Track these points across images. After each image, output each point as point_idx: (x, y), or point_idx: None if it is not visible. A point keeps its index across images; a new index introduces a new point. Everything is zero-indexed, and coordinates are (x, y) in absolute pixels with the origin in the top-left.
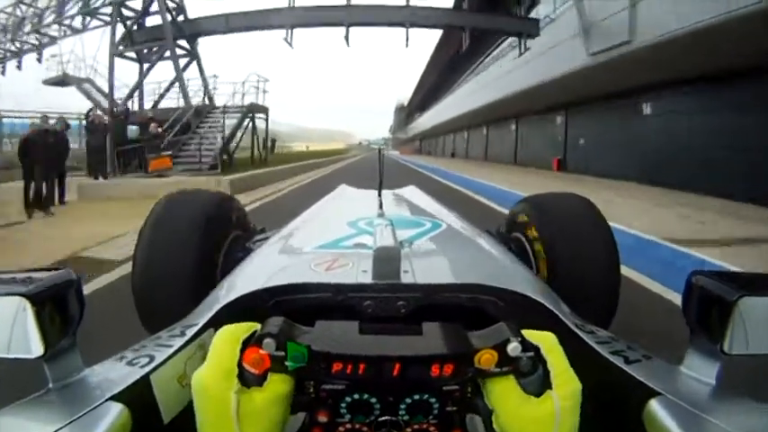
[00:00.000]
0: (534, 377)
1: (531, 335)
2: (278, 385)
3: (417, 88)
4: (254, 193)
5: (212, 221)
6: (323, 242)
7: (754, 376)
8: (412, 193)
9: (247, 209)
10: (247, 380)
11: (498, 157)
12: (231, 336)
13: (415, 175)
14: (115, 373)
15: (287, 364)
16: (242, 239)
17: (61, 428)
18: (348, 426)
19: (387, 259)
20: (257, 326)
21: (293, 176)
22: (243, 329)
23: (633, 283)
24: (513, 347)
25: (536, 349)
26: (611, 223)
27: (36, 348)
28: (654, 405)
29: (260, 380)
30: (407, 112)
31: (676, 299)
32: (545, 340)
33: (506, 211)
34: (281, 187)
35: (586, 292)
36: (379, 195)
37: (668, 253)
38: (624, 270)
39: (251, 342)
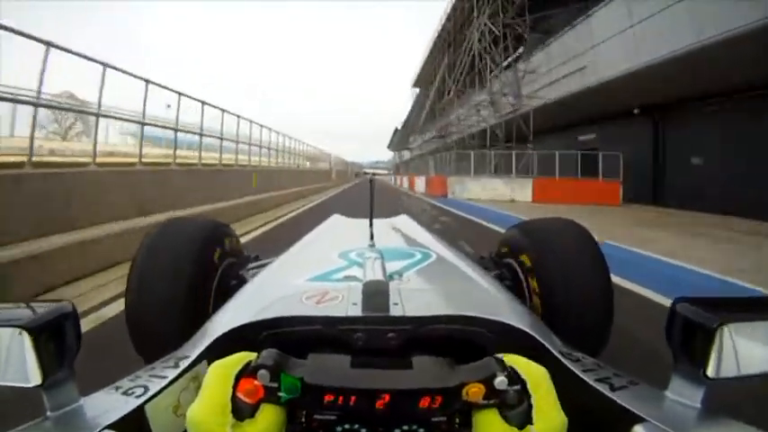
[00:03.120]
0: (518, 410)
1: (519, 364)
2: (270, 416)
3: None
4: None
5: (205, 249)
6: (314, 274)
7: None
8: (403, 222)
9: None
10: (240, 410)
11: None
12: (223, 370)
13: None
14: (111, 402)
15: (280, 395)
16: (235, 267)
17: None
18: None
19: (376, 293)
20: (251, 356)
21: None
22: (235, 363)
23: None
24: (500, 381)
25: (522, 382)
26: None
27: (34, 377)
28: (639, 431)
29: (253, 410)
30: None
31: None
32: (533, 373)
33: None
34: None
35: (579, 317)
36: (371, 225)
37: None
38: None
39: (246, 372)
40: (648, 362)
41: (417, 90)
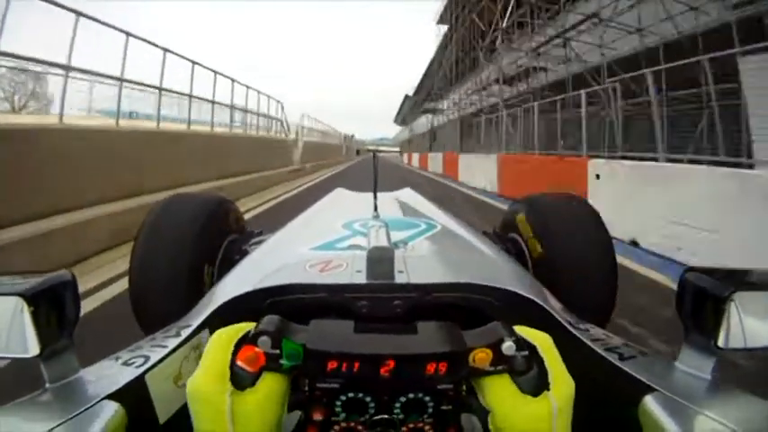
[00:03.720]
0: (529, 376)
1: (526, 333)
2: (272, 384)
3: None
4: None
5: (209, 224)
6: (318, 243)
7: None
8: (408, 195)
9: None
10: (241, 379)
11: None
12: (224, 340)
13: None
14: (111, 372)
15: (282, 362)
16: (238, 242)
17: (57, 427)
18: (343, 424)
19: (380, 260)
20: (251, 326)
21: None
22: (236, 331)
23: None
24: (508, 346)
25: (531, 348)
26: None
27: (32, 348)
28: (649, 401)
29: (254, 378)
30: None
31: None
32: (541, 340)
33: None
34: None
35: (583, 291)
36: (375, 198)
37: None
38: None
39: (246, 340)
40: None
41: (442, 31)
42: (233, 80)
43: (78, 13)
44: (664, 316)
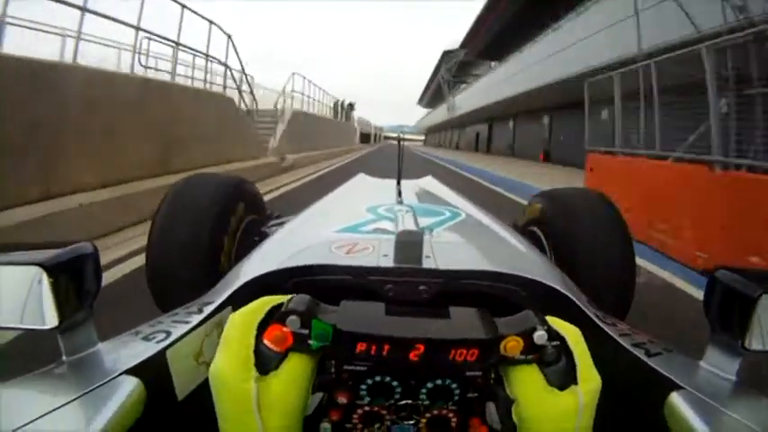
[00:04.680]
0: (557, 368)
1: (557, 324)
2: (298, 365)
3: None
4: None
5: (228, 205)
6: (342, 226)
7: None
8: (430, 183)
9: None
10: (267, 359)
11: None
12: (245, 320)
13: None
14: (130, 347)
15: (310, 342)
16: (257, 223)
17: (74, 400)
18: (367, 408)
19: (409, 244)
20: (274, 301)
21: None
22: (256, 310)
23: None
24: (540, 336)
25: (561, 339)
26: None
27: (50, 319)
28: (675, 398)
29: (280, 359)
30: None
31: None
32: (570, 332)
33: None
34: None
35: (601, 286)
36: (398, 184)
37: None
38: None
39: (274, 318)
40: None
41: None
42: None
43: None
44: None
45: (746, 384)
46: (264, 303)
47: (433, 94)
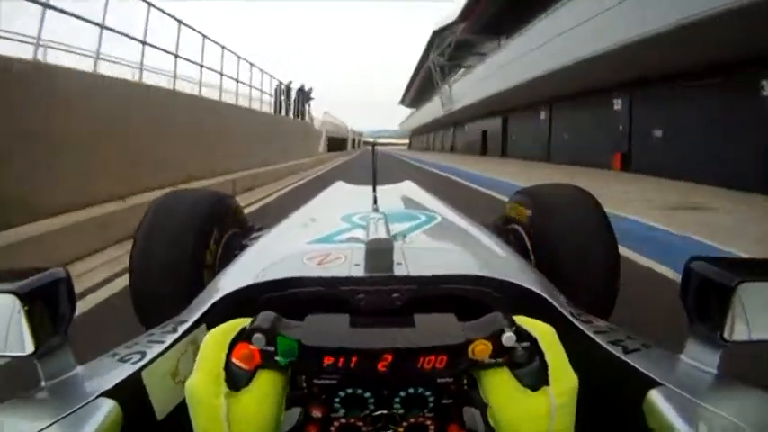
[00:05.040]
0: (530, 369)
1: (527, 323)
2: (269, 382)
3: None
4: None
5: (209, 219)
6: (316, 237)
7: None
8: (408, 188)
9: None
10: (237, 378)
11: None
12: (218, 338)
13: None
14: (107, 369)
15: (277, 359)
16: (239, 237)
17: (52, 424)
18: (343, 420)
19: (379, 252)
20: (246, 322)
21: None
22: (230, 329)
23: None
24: (508, 337)
25: (532, 340)
26: None
27: (27, 346)
28: (654, 395)
29: (250, 376)
30: None
31: None
32: (542, 332)
33: None
34: None
35: (585, 283)
36: (374, 191)
37: None
38: None
39: (241, 337)
40: None
41: None
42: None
43: None
44: None
45: (727, 377)
46: (239, 323)
47: (420, 90)
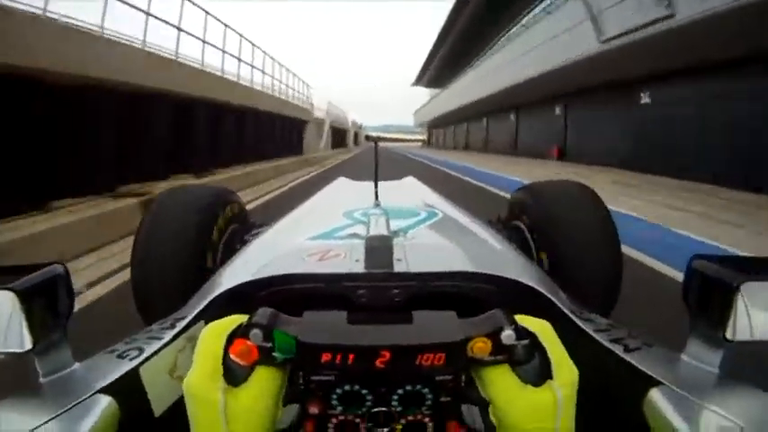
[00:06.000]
0: (531, 366)
1: (526, 321)
2: (266, 378)
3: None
4: None
5: (210, 216)
6: (317, 233)
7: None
8: (410, 184)
9: None
10: (235, 373)
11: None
12: (216, 333)
13: None
14: (105, 366)
15: (275, 355)
16: (240, 233)
17: (49, 421)
18: (341, 417)
19: (379, 248)
20: (244, 318)
21: None
22: (228, 325)
23: None
24: (507, 335)
25: (532, 337)
26: None
27: (26, 342)
28: (654, 395)
29: (248, 372)
30: None
31: None
32: (541, 328)
33: None
34: None
35: (587, 279)
36: (376, 186)
37: None
38: None
39: (238, 333)
40: None
41: None
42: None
43: None
44: None
45: (729, 376)
46: (236, 320)
47: (449, 56)
